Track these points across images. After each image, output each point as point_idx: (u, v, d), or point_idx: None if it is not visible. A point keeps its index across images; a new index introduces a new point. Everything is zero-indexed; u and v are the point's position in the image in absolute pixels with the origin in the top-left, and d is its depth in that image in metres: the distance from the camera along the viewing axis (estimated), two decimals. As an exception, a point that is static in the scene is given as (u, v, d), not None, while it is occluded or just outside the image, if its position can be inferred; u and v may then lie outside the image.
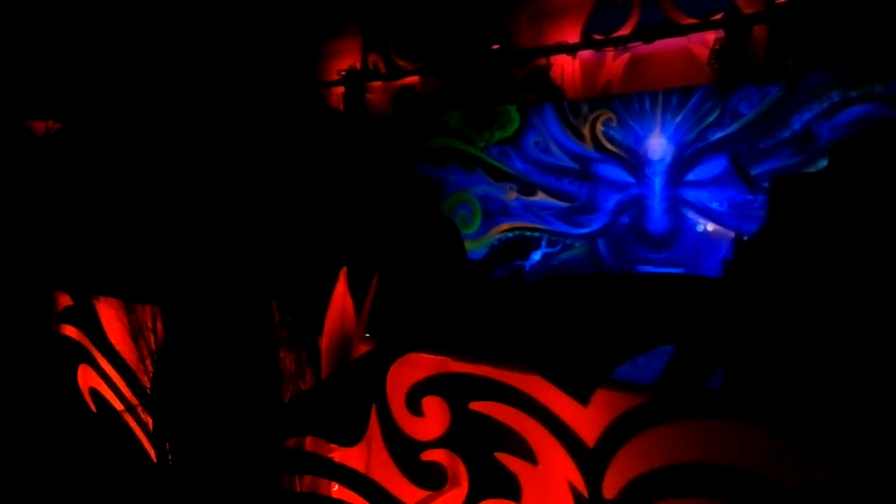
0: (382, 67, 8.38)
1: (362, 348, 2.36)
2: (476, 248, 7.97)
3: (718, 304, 2.02)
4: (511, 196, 7.70)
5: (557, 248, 7.43)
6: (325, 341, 2.42)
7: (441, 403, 2.04)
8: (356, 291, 2.37)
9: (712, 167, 6.27)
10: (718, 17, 6.11)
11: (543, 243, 7.56)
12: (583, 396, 1.75)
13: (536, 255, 7.57)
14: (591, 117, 6.99)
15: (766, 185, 5.96)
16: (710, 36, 6.14)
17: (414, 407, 2.10)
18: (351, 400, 2.21)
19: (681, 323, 1.85)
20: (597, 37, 6.84)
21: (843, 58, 5.61)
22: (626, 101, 6.73)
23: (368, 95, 8.65)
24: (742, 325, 1.96)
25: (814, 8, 5.65)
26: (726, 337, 1.90)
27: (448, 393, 2.02)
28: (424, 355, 2.13)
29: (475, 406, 1.95)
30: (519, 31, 7.33)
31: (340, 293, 2.36)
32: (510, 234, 7.80)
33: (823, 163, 5.71)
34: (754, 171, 5.97)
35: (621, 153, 6.86)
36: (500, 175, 7.75)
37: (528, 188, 7.56)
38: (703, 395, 1.78)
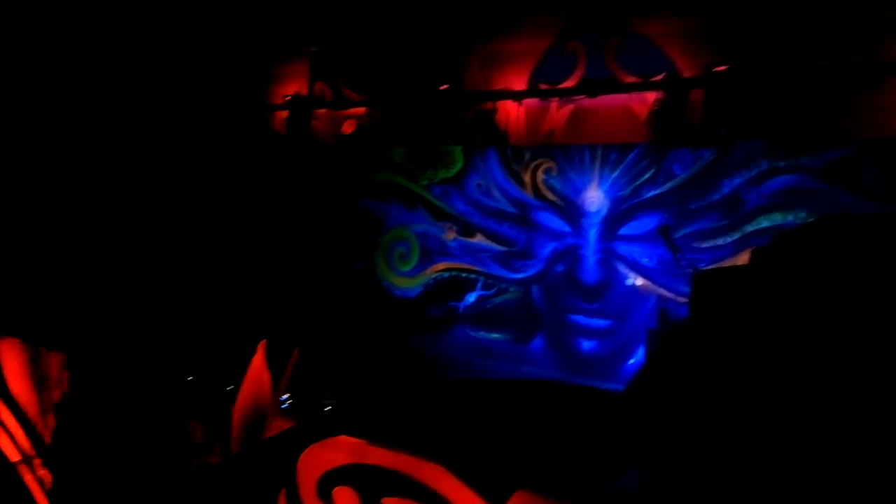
0: (329, 96, 8.30)
1: (276, 424, 2.25)
2: (412, 286, 7.92)
3: (627, 418, 2.03)
4: (450, 236, 7.69)
5: (492, 291, 7.44)
6: (237, 413, 2.30)
7: (353, 495, 1.95)
8: (275, 364, 2.28)
9: (644, 223, 6.43)
10: (659, 78, 6.32)
11: (479, 285, 7.57)
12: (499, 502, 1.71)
13: (471, 297, 7.57)
14: (532, 164, 7.08)
15: (695, 245, 6.19)
16: (650, 96, 6.34)
17: (325, 495, 2.01)
18: (258, 481, 2.10)
19: (590, 436, 1.84)
20: (543, 86, 6.96)
21: (774, 129, 5.89)
22: (568, 151, 6.85)
23: (313, 122, 8.53)
24: (651, 435, 1.97)
25: (748, 79, 5.92)
26: (632, 447, 1.90)
27: (361, 485, 1.94)
28: (342, 437, 2.05)
29: (388, 502, 1.88)
30: (468, 73, 7.40)
31: (258, 365, 2.26)
32: (446, 274, 7.78)
33: (749, 227, 5.97)
34: (684, 231, 6.17)
35: (560, 202, 6.96)
36: (440, 214, 7.74)
37: (467, 229, 7.57)
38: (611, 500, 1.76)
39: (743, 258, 5.88)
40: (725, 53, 6.01)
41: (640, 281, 6.46)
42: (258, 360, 2.21)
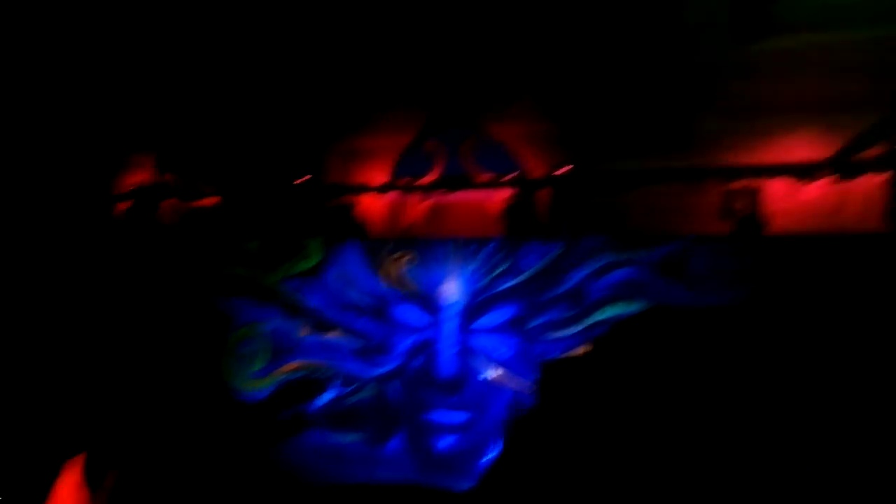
0: (178, 186, 7.94)
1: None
2: (261, 386, 7.34)
3: None
4: (304, 332, 7.32)
5: (348, 389, 7.07)
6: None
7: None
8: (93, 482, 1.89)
9: (500, 315, 6.52)
10: (511, 177, 6.70)
11: (334, 384, 7.17)
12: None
13: (326, 397, 7.13)
14: (392, 258, 7.05)
15: (546, 335, 6.33)
16: (504, 193, 6.68)
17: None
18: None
19: None
20: (403, 180, 7.12)
21: (614, 225, 6.35)
22: (426, 245, 6.91)
23: (160, 213, 8.05)
24: None
25: (591, 179, 6.43)
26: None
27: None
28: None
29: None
30: (329, 165, 7.43)
31: (70, 485, 1.87)
32: (299, 373, 7.32)
33: (594, 318, 6.22)
34: (536, 322, 6.33)
35: (419, 295, 6.91)
36: (294, 310, 7.39)
37: (322, 325, 7.25)
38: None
39: (586, 348, 6.11)
40: (571, 155, 6.51)
41: (496, 373, 6.43)
42: (68, 483, 1.82)
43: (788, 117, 6.03)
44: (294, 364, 7.34)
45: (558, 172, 6.46)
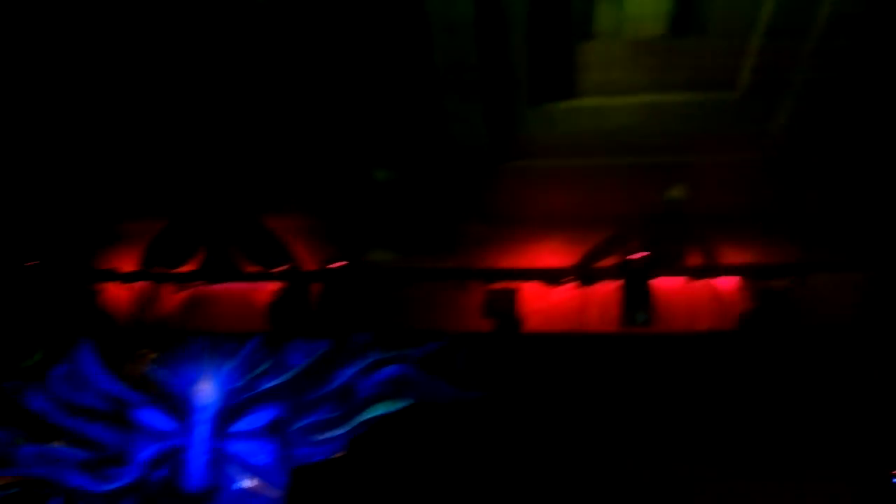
0: None
1: None
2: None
3: None
4: (20, 442, 6.13)
5: (72, 509, 5.96)
6: None
7: None
8: None
9: (260, 418, 6.02)
10: (280, 269, 6.39)
11: (56, 502, 6.02)
12: None
13: (42, 519, 5.94)
14: (137, 354, 6.26)
15: (310, 438, 5.95)
16: (271, 286, 6.33)
17: None
18: None
19: None
20: (156, 269, 6.46)
21: (383, 322, 6.29)
22: (180, 339, 6.26)
23: None
24: None
25: (362, 275, 6.36)
26: None
27: None
28: None
29: None
30: (66, 247, 6.54)
31: None
32: (12, 490, 6.07)
33: (361, 417, 6.01)
34: (299, 424, 5.94)
35: (166, 398, 6.17)
36: (10, 416, 6.19)
37: (44, 433, 6.13)
38: None
39: (344, 450, 5.86)
40: (343, 250, 6.42)
41: (253, 481, 5.85)
42: None
43: (541, 227, 6.57)
44: (5, 479, 6.08)
45: (330, 266, 6.31)
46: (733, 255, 6.20)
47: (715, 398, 5.75)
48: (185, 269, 6.41)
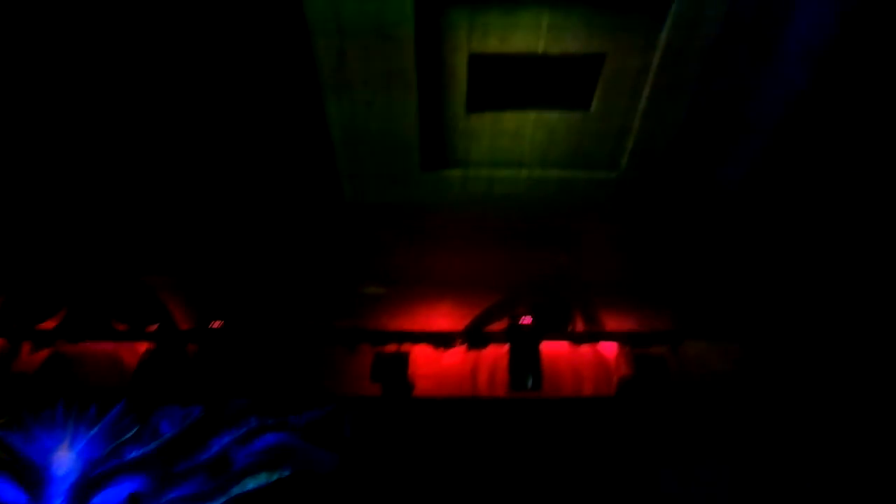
0: None
1: None
2: None
3: None
4: None
5: None
6: None
7: None
8: None
9: (122, 490, 5.51)
10: (152, 328, 6.00)
11: None
12: None
13: None
14: (-17, 419, 5.63)
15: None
16: (141, 346, 5.92)
17: None
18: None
19: None
20: (13, 325, 5.91)
21: (262, 387, 5.99)
22: (35, 404, 5.69)
23: None
24: None
25: (242, 336, 6.07)
26: None
27: None
28: None
29: None
30: None
31: None
32: None
33: (236, 489, 5.63)
34: (167, 498, 5.48)
35: (17, 466, 5.56)
36: None
37: None
38: None
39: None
40: (223, 311, 6.12)
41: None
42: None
43: (433, 290, 6.57)
44: None
45: (208, 326, 5.98)
46: (614, 322, 6.43)
47: (600, 461, 5.85)
48: (46, 325, 5.89)
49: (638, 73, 5.22)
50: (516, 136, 5.56)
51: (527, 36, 5.05)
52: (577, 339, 6.42)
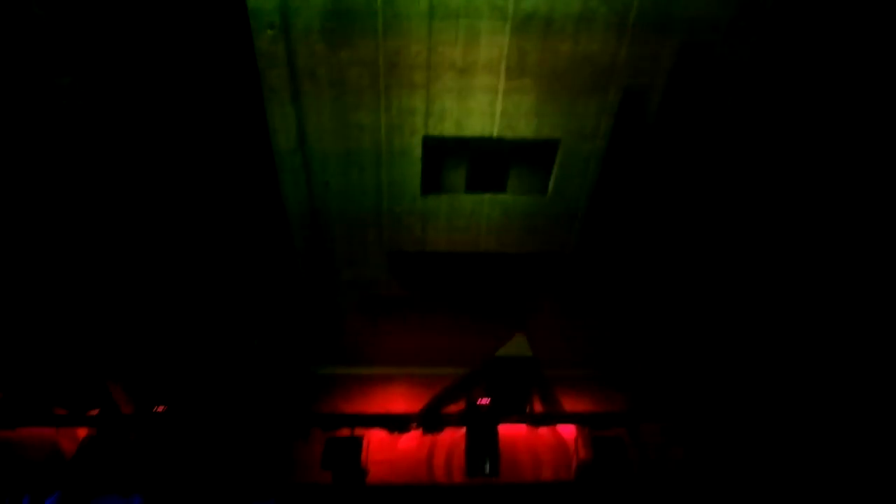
0: None
1: None
2: None
3: None
4: None
5: None
6: None
7: None
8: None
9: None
10: (92, 413, 5.72)
11: None
12: None
13: None
14: None
15: None
16: (82, 431, 5.62)
17: None
18: None
19: None
20: (-59, 410, 5.56)
21: (201, 476, 5.70)
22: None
23: None
24: None
25: (183, 424, 5.82)
26: None
27: None
28: None
29: None
30: None
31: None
32: None
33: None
34: None
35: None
36: None
37: None
38: None
39: None
40: (166, 395, 5.89)
41: None
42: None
43: (389, 370, 6.46)
44: None
45: (154, 411, 5.73)
46: (571, 402, 6.37)
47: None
48: (-22, 410, 5.57)
49: (588, 158, 5.41)
50: (473, 216, 5.64)
51: (482, 121, 5.23)
52: (535, 421, 6.33)
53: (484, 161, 5.63)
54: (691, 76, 5.07)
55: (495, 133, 5.34)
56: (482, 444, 6.05)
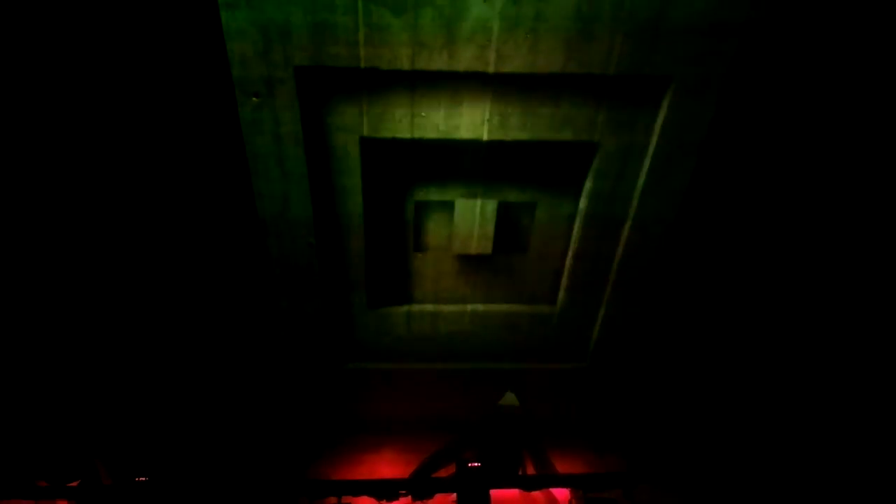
0: None
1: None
2: None
3: None
4: None
5: None
6: None
7: None
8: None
9: None
10: (73, 484, 5.55)
11: None
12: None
13: None
14: None
15: None
16: (60, 505, 5.44)
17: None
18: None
19: None
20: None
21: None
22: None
23: None
24: None
25: (164, 495, 5.65)
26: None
27: None
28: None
29: None
30: None
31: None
32: None
33: None
34: None
35: None
36: None
37: None
38: None
39: None
40: (147, 466, 5.75)
41: None
42: None
43: (378, 433, 6.35)
44: None
45: (135, 481, 5.57)
46: (564, 464, 6.24)
47: None
48: (-45, 485, 5.39)
49: (568, 219, 5.51)
50: (460, 275, 5.67)
51: (467, 186, 5.35)
52: (528, 485, 6.17)
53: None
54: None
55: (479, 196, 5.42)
56: (474, 511, 5.89)
